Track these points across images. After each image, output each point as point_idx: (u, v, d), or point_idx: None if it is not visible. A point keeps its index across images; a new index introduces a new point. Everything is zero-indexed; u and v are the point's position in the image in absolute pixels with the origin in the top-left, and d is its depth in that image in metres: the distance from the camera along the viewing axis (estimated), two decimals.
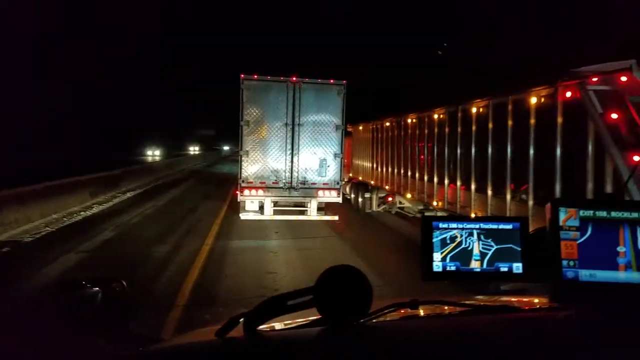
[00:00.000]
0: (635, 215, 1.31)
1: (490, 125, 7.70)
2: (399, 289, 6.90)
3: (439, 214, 10.52)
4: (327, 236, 11.56)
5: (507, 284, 1.40)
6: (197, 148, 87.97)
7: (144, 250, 9.30)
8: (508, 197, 7.23)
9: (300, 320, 1.44)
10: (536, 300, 1.80)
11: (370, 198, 15.76)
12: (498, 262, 1.36)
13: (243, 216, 12.36)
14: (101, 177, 18.21)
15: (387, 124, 13.66)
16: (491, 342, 1.18)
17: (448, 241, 1.38)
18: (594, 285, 1.30)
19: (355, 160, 17.75)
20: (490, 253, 1.37)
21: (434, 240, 1.38)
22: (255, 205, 12.38)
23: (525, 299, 1.92)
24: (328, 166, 12.26)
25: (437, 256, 1.38)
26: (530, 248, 1.36)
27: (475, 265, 1.37)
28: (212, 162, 51.55)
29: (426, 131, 10.60)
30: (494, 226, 1.39)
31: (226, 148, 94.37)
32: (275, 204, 12.39)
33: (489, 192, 7.78)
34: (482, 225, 1.39)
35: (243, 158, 12.09)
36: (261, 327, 1.25)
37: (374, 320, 1.37)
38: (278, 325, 1.52)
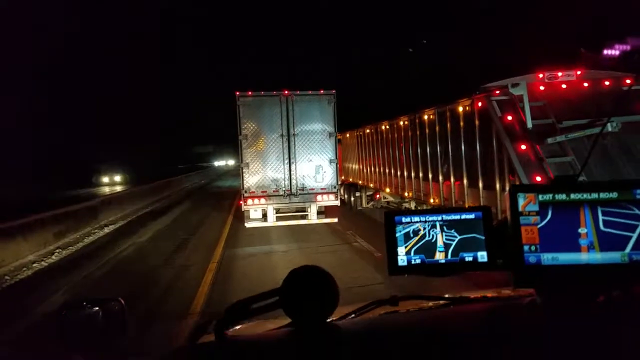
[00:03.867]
0: (595, 196, 1.30)
1: (437, 129, 9.89)
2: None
3: (412, 203, 12.68)
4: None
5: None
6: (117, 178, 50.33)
7: None
8: (452, 182, 9.40)
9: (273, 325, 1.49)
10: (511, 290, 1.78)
11: (360, 197, 17.89)
12: (462, 252, 1.37)
13: (248, 224, 13.05)
14: (70, 212, 15.01)
15: (368, 130, 15.84)
16: (455, 332, 1.21)
17: (412, 235, 1.39)
18: (556, 269, 1.30)
19: (345, 164, 19.88)
20: (454, 244, 1.38)
21: (398, 234, 1.39)
22: (258, 214, 13.00)
23: (504, 290, 1.92)
24: (324, 172, 12.86)
25: (401, 250, 1.38)
26: (493, 236, 1.36)
27: (439, 256, 1.38)
28: (202, 183, 44.30)
29: (396, 135, 12.78)
30: (456, 217, 1.39)
31: (220, 163, 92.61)
32: (278, 210, 13.03)
33: (440, 180, 9.94)
34: (445, 217, 1.40)
35: (244, 170, 12.76)
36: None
37: (351, 318, 1.43)
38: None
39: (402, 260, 1.39)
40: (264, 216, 13.00)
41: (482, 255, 1.37)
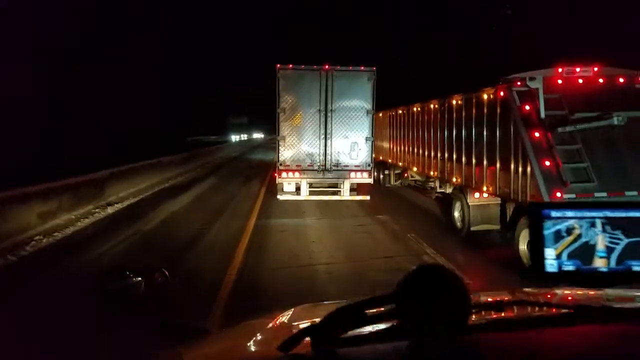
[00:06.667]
0: (620, 214, 1.19)
1: (463, 114, 10.75)
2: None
3: (437, 182, 13.53)
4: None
5: None
6: None
7: None
8: (474, 163, 10.28)
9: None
10: None
11: (389, 174, 18.90)
12: (630, 260, 1.14)
13: (281, 197, 13.33)
14: (69, 185, 12.41)
15: (400, 112, 16.71)
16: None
17: (564, 234, 1.17)
18: None
19: (376, 142, 20.79)
20: (619, 248, 1.15)
21: (546, 232, 1.17)
22: (292, 187, 13.30)
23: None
24: (359, 149, 13.05)
25: (550, 252, 1.16)
26: None
27: (599, 263, 1.16)
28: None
29: (425, 117, 13.64)
30: (623, 214, 1.16)
31: (232, 139, 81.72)
32: (311, 185, 13.27)
33: (463, 161, 10.83)
34: (608, 214, 1.17)
35: (280, 143, 13.00)
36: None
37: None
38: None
39: (551, 264, 1.17)
40: (297, 190, 13.31)
41: None
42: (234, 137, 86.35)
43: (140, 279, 1.53)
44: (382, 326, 1.12)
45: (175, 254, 8.71)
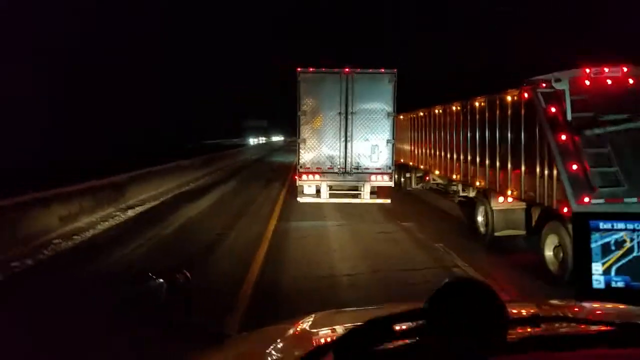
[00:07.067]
0: None
1: (487, 116, 10.53)
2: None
3: (459, 186, 13.29)
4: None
5: None
6: None
7: None
8: (498, 166, 10.06)
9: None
10: None
11: (410, 178, 18.70)
12: None
13: (301, 199, 13.34)
14: (91, 188, 12.61)
15: (421, 114, 16.52)
16: None
17: (613, 247, 1.09)
18: None
19: (397, 145, 20.59)
20: None
21: (593, 245, 1.08)
22: (312, 190, 13.26)
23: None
24: (380, 152, 13.04)
25: (597, 267, 1.08)
26: None
27: None
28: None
29: (448, 119, 13.43)
30: None
31: (250, 142, 79.81)
32: (331, 187, 13.24)
33: (487, 164, 10.60)
34: None
35: (301, 145, 13.10)
36: None
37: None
38: None
39: (597, 281, 1.09)
40: (317, 192, 13.29)
41: None
42: (252, 141, 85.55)
43: (162, 280, 1.52)
44: (410, 343, 1.04)
45: (195, 258, 8.71)
